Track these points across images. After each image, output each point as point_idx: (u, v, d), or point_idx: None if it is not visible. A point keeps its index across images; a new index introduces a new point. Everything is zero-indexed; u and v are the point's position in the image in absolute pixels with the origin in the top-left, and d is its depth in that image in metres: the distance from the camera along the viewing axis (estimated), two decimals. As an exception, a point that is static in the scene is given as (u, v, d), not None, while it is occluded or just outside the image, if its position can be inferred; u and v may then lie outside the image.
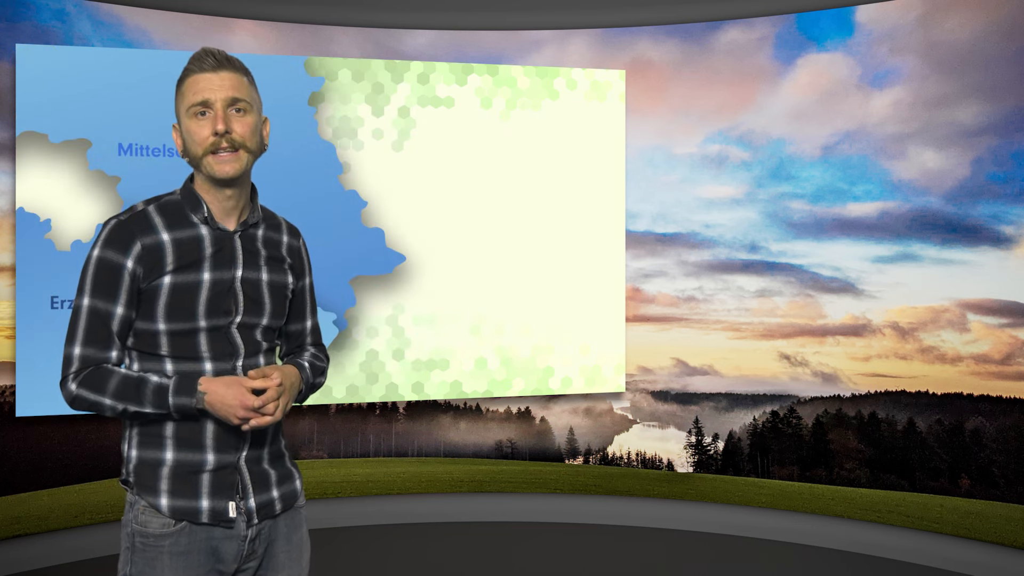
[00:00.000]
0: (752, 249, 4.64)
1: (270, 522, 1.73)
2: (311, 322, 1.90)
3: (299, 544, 1.79)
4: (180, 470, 1.64)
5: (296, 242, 1.82)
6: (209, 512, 1.63)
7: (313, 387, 1.84)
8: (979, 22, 4.01)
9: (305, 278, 1.85)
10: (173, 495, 1.63)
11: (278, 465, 1.76)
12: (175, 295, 1.61)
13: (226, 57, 1.64)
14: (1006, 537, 3.88)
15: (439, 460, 4.80)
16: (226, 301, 1.65)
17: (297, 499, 1.79)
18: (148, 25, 4.18)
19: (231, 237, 1.68)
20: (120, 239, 1.60)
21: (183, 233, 1.63)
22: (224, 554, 1.66)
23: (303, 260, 1.84)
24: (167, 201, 1.67)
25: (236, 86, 1.63)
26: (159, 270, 1.60)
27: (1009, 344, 4.02)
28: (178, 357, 1.63)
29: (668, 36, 4.65)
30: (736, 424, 4.74)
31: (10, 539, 3.88)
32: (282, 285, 1.76)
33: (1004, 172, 3.99)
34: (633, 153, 4.73)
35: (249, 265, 1.69)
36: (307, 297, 1.87)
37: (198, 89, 1.62)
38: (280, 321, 1.77)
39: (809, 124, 4.47)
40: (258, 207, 1.74)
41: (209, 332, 1.64)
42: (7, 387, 3.92)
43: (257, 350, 1.70)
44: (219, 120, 1.60)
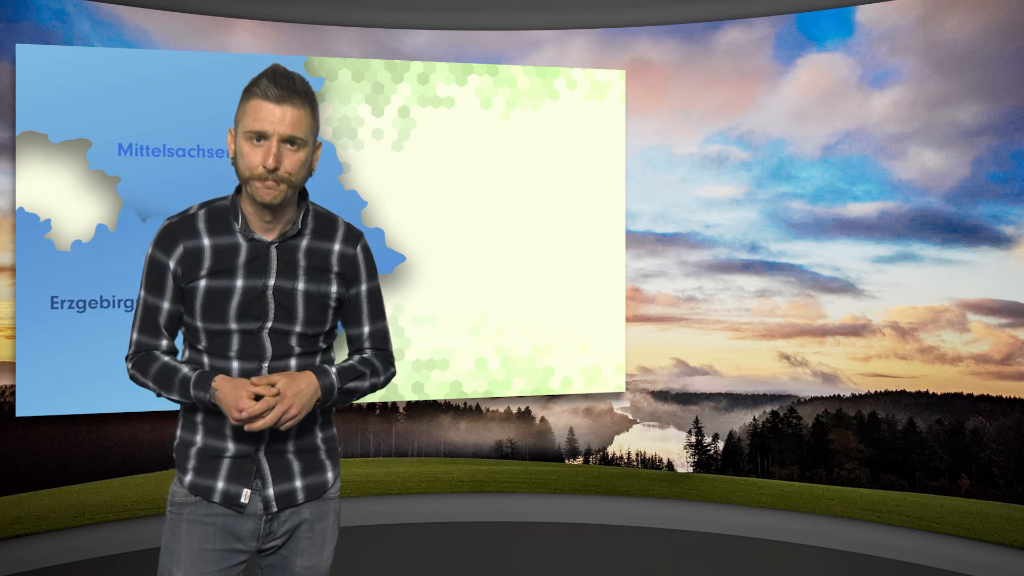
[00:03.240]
0: (752, 249, 4.64)
1: (293, 509, 1.81)
2: (369, 327, 1.90)
3: (323, 533, 1.86)
4: (205, 453, 1.78)
5: (351, 250, 1.84)
6: (222, 494, 1.75)
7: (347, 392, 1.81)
8: (979, 22, 4.01)
9: (360, 285, 1.87)
10: (196, 473, 1.77)
11: (307, 457, 1.83)
12: (209, 297, 1.73)
13: (292, 88, 1.65)
14: (1006, 537, 3.88)
15: (439, 460, 4.80)
16: (257, 307, 1.74)
17: (326, 491, 1.86)
18: (148, 25, 4.18)
19: (267, 248, 1.75)
20: (166, 240, 1.74)
21: (222, 240, 1.74)
22: (240, 532, 1.77)
23: (358, 267, 1.86)
24: (217, 206, 1.77)
25: (296, 123, 1.65)
26: (196, 272, 1.72)
27: (1009, 344, 4.02)
28: (212, 353, 1.76)
29: (668, 36, 4.65)
30: (736, 424, 4.74)
31: (10, 539, 3.88)
32: (322, 294, 1.79)
33: (1004, 172, 3.99)
34: (633, 153, 4.73)
35: (283, 275, 1.76)
36: (363, 303, 1.89)
37: (259, 117, 1.64)
38: (320, 328, 1.81)
39: (809, 124, 4.47)
40: (305, 216, 1.78)
41: (240, 334, 1.74)
42: (7, 387, 3.92)
43: (288, 354, 1.77)
44: (271, 156, 1.64)
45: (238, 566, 1.79)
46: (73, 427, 4.06)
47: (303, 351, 1.79)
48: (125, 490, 4.19)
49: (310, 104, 1.69)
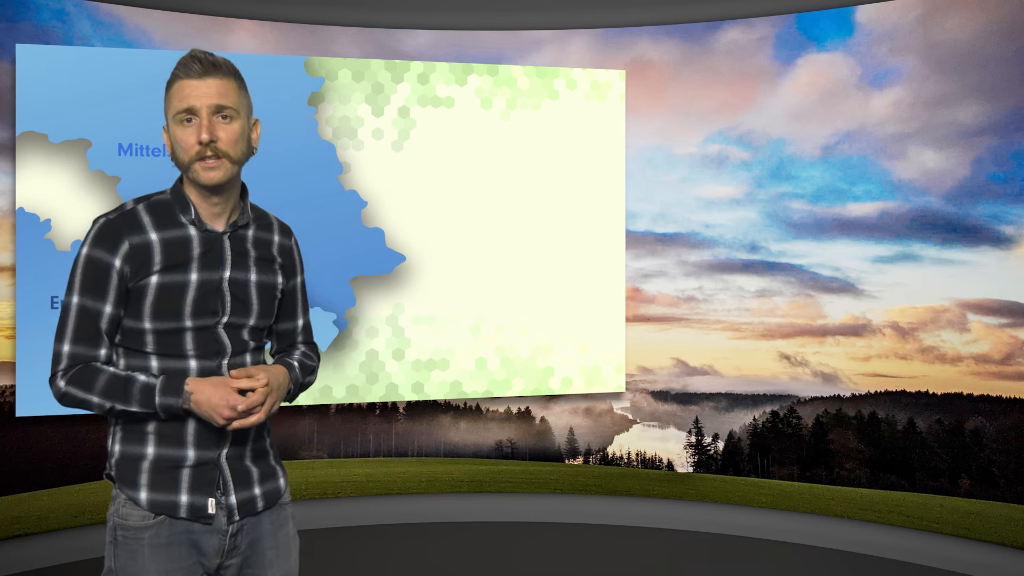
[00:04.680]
0: (752, 249, 4.64)
1: (253, 519, 1.74)
2: (302, 321, 1.90)
3: (286, 541, 1.80)
4: (160, 465, 1.65)
5: (288, 241, 1.82)
6: (187, 507, 1.65)
7: (303, 386, 1.84)
8: (979, 22, 4.01)
9: (296, 277, 1.85)
10: (152, 489, 1.64)
11: (261, 463, 1.77)
12: (162, 295, 1.62)
13: (213, 62, 1.61)
14: (1006, 537, 3.88)
15: (439, 460, 4.80)
16: (213, 301, 1.66)
17: (281, 496, 1.80)
18: (148, 25, 4.18)
19: (220, 238, 1.68)
20: (108, 238, 1.61)
21: (171, 233, 1.64)
22: (205, 547, 1.67)
23: (294, 259, 1.84)
24: (157, 200, 1.68)
25: (223, 93, 1.61)
26: (147, 270, 1.61)
27: (1009, 344, 4.02)
28: (164, 355, 1.64)
29: (668, 36, 4.65)
30: (736, 424, 4.74)
31: (10, 539, 3.88)
32: (271, 285, 1.76)
33: (1004, 172, 3.99)
34: (633, 153, 4.73)
35: (237, 266, 1.70)
36: (298, 296, 1.88)
37: (184, 96, 1.60)
38: (268, 321, 1.77)
39: (809, 124, 4.47)
40: (248, 207, 1.74)
41: (195, 331, 1.65)
42: (7, 387, 3.92)
43: (244, 349, 1.71)
44: (204, 129, 1.59)
45: None
46: (73, 427, 4.06)
47: (256, 346, 1.75)
48: (125, 490, 4.18)
49: (235, 77, 1.64)
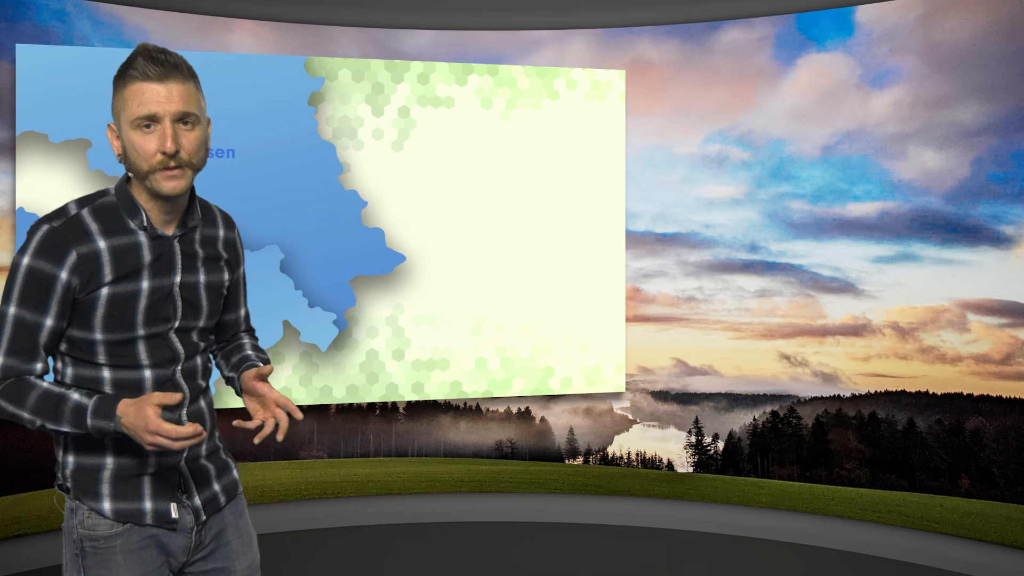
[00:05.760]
0: (752, 249, 4.64)
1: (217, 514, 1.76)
2: (244, 310, 1.92)
3: (247, 530, 1.83)
4: (121, 473, 1.62)
5: (231, 234, 1.80)
6: (152, 514, 1.64)
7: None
8: (979, 22, 4.01)
9: (239, 268, 1.84)
10: (115, 498, 1.62)
11: (215, 459, 1.78)
12: (113, 306, 1.56)
13: (174, 63, 1.52)
14: (1006, 537, 3.88)
15: (439, 460, 4.80)
16: (165, 308, 1.62)
17: (238, 488, 1.83)
18: (148, 25, 4.18)
19: (170, 243, 1.63)
20: (53, 248, 1.50)
21: (120, 240, 1.56)
22: (172, 548, 1.68)
23: (238, 251, 1.82)
24: (102, 204, 1.58)
25: (185, 98, 1.52)
26: (97, 281, 1.53)
27: (1009, 344, 4.02)
28: (116, 366, 1.59)
29: (668, 36, 4.65)
30: (736, 424, 4.74)
31: (10, 539, 3.88)
32: (219, 284, 1.75)
33: (1004, 172, 3.99)
34: (633, 153, 4.73)
35: (187, 269, 1.66)
36: (241, 287, 1.88)
37: (143, 100, 1.49)
38: (215, 320, 1.76)
39: (809, 124, 4.47)
40: (197, 206, 1.69)
41: (148, 340, 1.61)
42: (7, 387, 3.92)
43: (195, 352, 1.71)
44: (168, 139, 1.50)
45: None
46: (73, 427, 4.06)
47: (204, 347, 1.74)
48: (125, 490, 4.18)
49: (193, 78, 1.55)
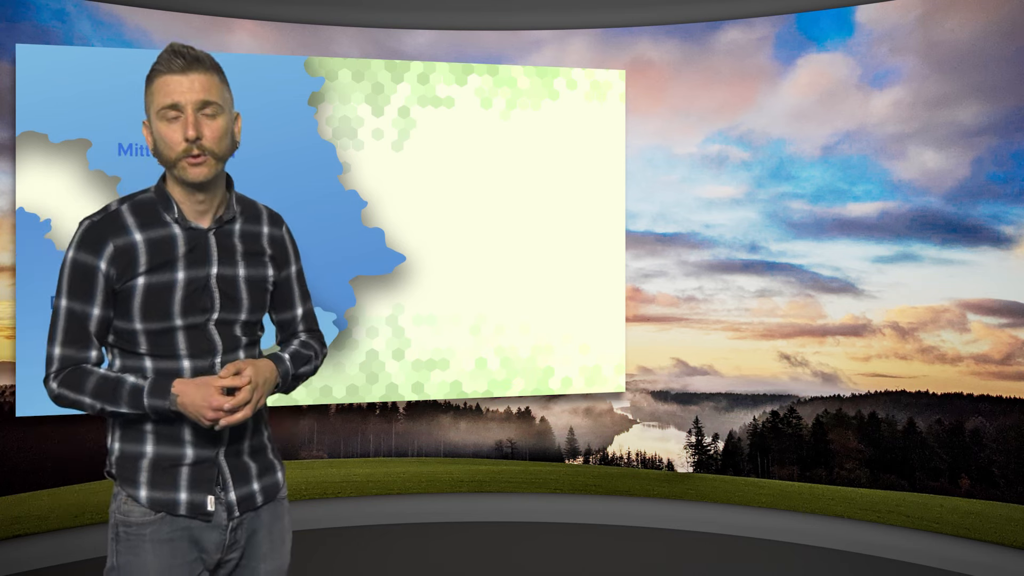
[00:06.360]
0: (752, 249, 4.64)
1: (252, 512, 1.75)
2: (302, 309, 1.89)
3: (281, 534, 1.82)
4: (160, 463, 1.66)
5: (278, 231, 1.81)
6: (187, 504, 1.66)
7: (297, 377, 1.81)
8: (979, 22, 4.01)
9: (291, 266, 1.84)
10: (152, 487, 1.66)
11: (259, 457, 1.78)
12: (149, 295, 1.62)
13: (195, 56, 1.60)
14: (1006, 537, 3.88)
15: (439, 460, 4.80)
16: (202, 299, 1.66)
17: (279, 491, 1.82)
18: (148, 25, 4.18)
19: (205, 235, 1.67)
20: (93, 241, 1.61)
21: (156, 233, 1.63)
22: (206, 543, 1.68)
23: (287, 248, 1.82)
24: (140, 200, 1.67)
25: (206, 88, 1.59)
26: (132, 271, 1.61)
27: (1009, 344, 4.02)
28: (156, 355, 1.65)
29: (668, 36, 4.65)
30: (736, 424, 4.74)
31: (10, 539, 3.88)
32: (261, 279, 1.75)
33: (1004, 172, 3.99)
34: (633, 153, 4.73)
35: (225, 262, 1.69)
36: (294, 285, 1.86)
37: (168, 91, 1.58)
38: (260, 315, 1.77)
39: (809, 124, 4.47)
40: (234, 201, 1.73)
41: (186, 330, 1.65)
42: (7, 387, 3.92)
43: (236, 345, 1.71)
44: (190, 126, 1.57)
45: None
46: (73, 427, 4.06)
47: (248, 341, 1.75)
48: (125, 490, 4.18)
49: (217, 72, 1.63)
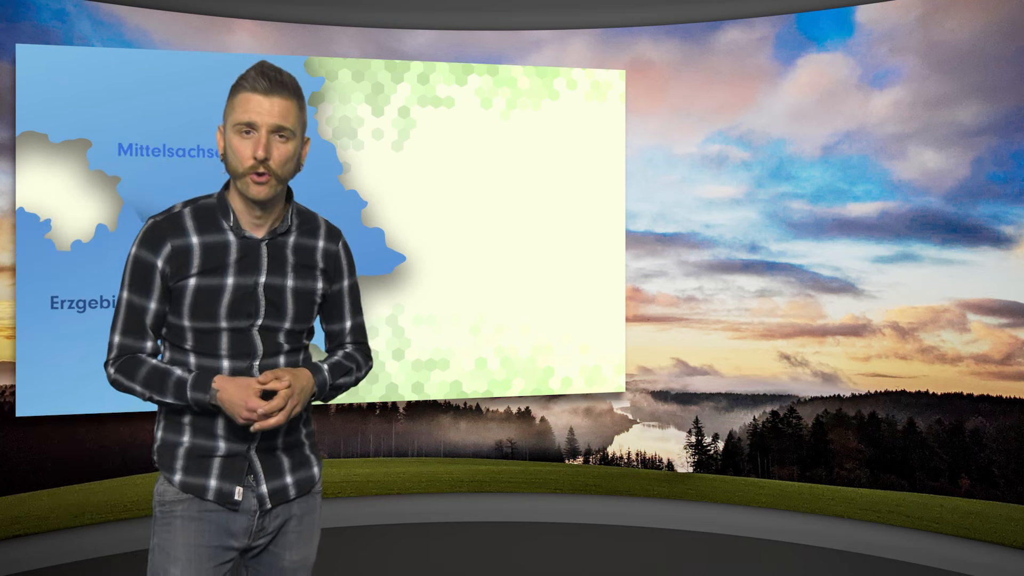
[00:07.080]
0: (752, 249, 4.64)
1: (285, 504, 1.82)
2: (351, 322, 1.96)
3: (311, 527, 1.89)
4: (194, 452, 1.76)
5: (334, 246, 1.89)
6: (215, 491, 1.74)
7: (336, 388, 1.88)
8: (979, 22, 4.01)
9: (343, 281, 1.92)
10: (185, 472, 1.75)
11: (295, 453, 1.85)
12: (199, 296, 1.71)
13: (281, 81, 1.69)
14: (1006, 537, 3.88)
15: (439, 460, 4.80)
16: (247, 305, 1.74)
17: (314, 485, 1.89)
18: (148, 25, 4.18)
19: (258, 245, 1.76)
20: (153, 239, 1.72)
21: (211, 238, 1.73)
22: (234, 528, 1.77)
23: (341, 263, 1.91)
24: (203, 204, 1.77)
25: (284, 113, 1.68)
26: (185, 271, 1.71)
27: (1009, 344, 4.02)
28: (200, 352, 1.74)
29: (668, 36, 4.65)
30: (736, 424, 4.74)
31: (10, 539, 3.88)
32: (309, 291, 1.82)
33: (1004, 172, 3.99)
34: (633, 153, 4.73)
35: (274, 271, 1.77)
36: (346, 298, 1.94)
37: (248, 108, 1.67)
38: (306, 325, 1.85)
39: (809, 124, 4.47)
40: (292, 214, 1.81)
41: (230, 332, 1.74)
42: (7, 387, 3.92)
43: (277, 351, 1.78)
44: (261, 146, 1.66)
45: (229, 563, 1.79)
46: (73, 427, 4.06)
47: (291, 348, 1.81)
48: (125, 490, 4.18)
49: (298, 97, 1.72)
